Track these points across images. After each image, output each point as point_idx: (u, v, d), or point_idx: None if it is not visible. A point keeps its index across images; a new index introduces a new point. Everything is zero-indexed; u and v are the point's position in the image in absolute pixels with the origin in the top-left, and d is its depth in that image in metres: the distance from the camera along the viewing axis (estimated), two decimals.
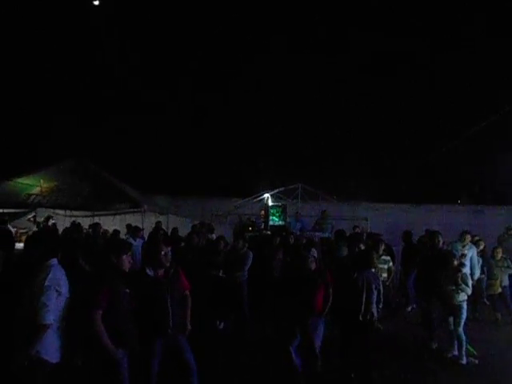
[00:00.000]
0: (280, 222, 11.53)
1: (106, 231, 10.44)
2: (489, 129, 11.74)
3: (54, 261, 3.36)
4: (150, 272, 3.90)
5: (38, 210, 11.79)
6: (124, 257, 3.62)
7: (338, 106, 21.35)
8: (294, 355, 4.80)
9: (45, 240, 3.53)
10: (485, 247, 8.23)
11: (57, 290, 3.20)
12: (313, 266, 5.05)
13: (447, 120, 19.87)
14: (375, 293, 4.84)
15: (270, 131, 21.39)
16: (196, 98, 23.32)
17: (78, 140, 17.96)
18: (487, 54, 18.87)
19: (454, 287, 5.73)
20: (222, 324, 7.00)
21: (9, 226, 9.74)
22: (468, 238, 7.40)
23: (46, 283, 3.15)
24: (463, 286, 5.71)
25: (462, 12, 19.50)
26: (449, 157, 15.98)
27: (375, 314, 4.80)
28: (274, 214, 11.65)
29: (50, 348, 3.22)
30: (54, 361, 3.26)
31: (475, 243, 8.07)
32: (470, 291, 5.80)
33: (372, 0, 22.34)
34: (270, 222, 11.46)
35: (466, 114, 17.28)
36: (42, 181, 10.86)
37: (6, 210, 10.76)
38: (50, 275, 3.20)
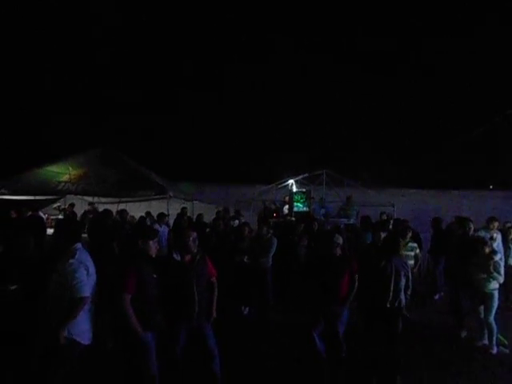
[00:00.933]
0: (304, 208, 11.47)
1: (132, 217, 10.66)
2: None
3: (79, 245, 3.55)
4: (176, 257, 3.94)
5: (67, 196, 12.11)
6: (151, 242, 3.66)
7: (364, 92, 20.95)
8: (317, 341, 4.79)
9: (68, 226, 3.76)
10: None
11: (85, 269, 3.38)
12: (337, 252, 4.98)
13: (478, 104, 19.16)
14: (404, 280, 4.76)
15: (295, 117, 21.20)
16: (221, 85, 23.32)
17: (106, 129, 18.31)
18: None
19: (485, 275, 5.56)
20: (247, 309, 7.06)
21: (40, 212, 10.06)
22: (495, 224, 7.10)
23: (76, 262, 3.35)
24: (495, 274, 5.53)
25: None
26: (479, 141, 15.43)
27: (403, 301, 4.72)
28: (298, 200, 11.59)
29: (82, 329, 3.35)
30: (86, 342, 3.38)
31: (507, 230, 7.78)
32: (502, 279, 5.62)
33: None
34: (295, 208, 11.41)
35: (496, 99, 16.63)
36: (70, 168, 11.11)
37: (37, 197, 11.10)
38: (77, 256, 3.40)
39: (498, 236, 7.12)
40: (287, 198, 12.05)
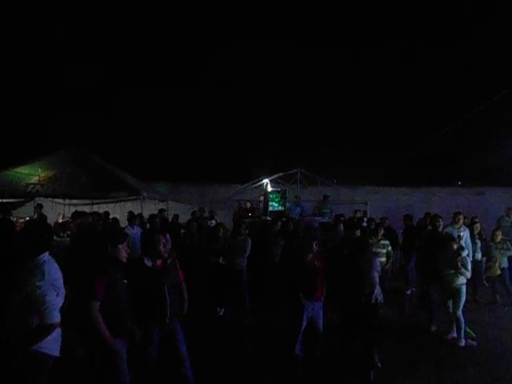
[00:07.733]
0: (279, 208, 11.53)
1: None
2: (489, 111, 11.63)
3: (46, 256, 3.02)
4: (148, 262, 3.87)
5: (37, 199, 11.77)
6: (120, 246, 3.55)
7: (336, 91, 21.23)
8: (300, 340, 4.83)
9: (33, 233, 3.11)
10: (481, 229, 8.16)
11: (55, 290, 2.97)
12: (314, 250, 5.07)
13: (447, 103, 19.74)
14: (377, 275, 4.87)
15: (268, 117, 21.29)
16: (195, 85, 23.17)
17: (76, 129, 17.87)
18: (488, 36, 18.71)
19: (453, 271, 5.73)
20: (223, 310, 7.04)
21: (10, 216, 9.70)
22: (461, 219, 7.29)
23: (45, 284, 2.89)
24: (463, 269, 5.71)
25: None
26: (449, 139, 15.88)
27: (380, 298, 4.83)
28: (273, 200, 11.64)
29: (52, 342, 3.12)
30: (56, 354, 3.18)
31: (473, 226, 7.98)
32: (469, 275, 5.80)
33: None
34: (270, 208, 11.46)
35: (465, 97, 17.17)
36: (40, 170, 10.77)
37: (5, 200, 10.73)
38: (46, 275, 2.91)
39: (465, 232, 7.31)
40: (262, 198, 12.09)
